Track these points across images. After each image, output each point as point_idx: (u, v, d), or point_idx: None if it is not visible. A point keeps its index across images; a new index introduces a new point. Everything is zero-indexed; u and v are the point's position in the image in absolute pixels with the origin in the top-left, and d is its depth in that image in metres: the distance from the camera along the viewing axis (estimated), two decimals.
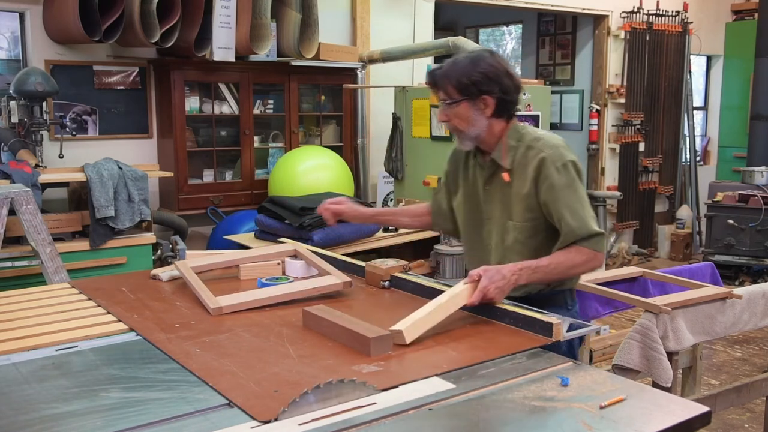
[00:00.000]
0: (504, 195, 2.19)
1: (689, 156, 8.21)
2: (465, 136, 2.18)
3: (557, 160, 2.10)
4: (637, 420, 1.41)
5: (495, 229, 2.23)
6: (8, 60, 4.76)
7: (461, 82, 2.11)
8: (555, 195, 2.09)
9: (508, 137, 2.18)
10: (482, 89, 2.11)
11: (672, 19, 7.71)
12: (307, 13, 5.05)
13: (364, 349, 1.73)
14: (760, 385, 3.20)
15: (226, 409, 1.46)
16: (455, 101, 2.13)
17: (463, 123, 2.15)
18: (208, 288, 2.20)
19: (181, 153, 4.87)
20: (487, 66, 2.12)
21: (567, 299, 2.26)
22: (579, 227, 2.07)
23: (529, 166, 2.13)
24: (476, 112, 2.14)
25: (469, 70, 2.11)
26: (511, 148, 2.17)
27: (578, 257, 2.07)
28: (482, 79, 2.11)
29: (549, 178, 2.09)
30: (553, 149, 2.12)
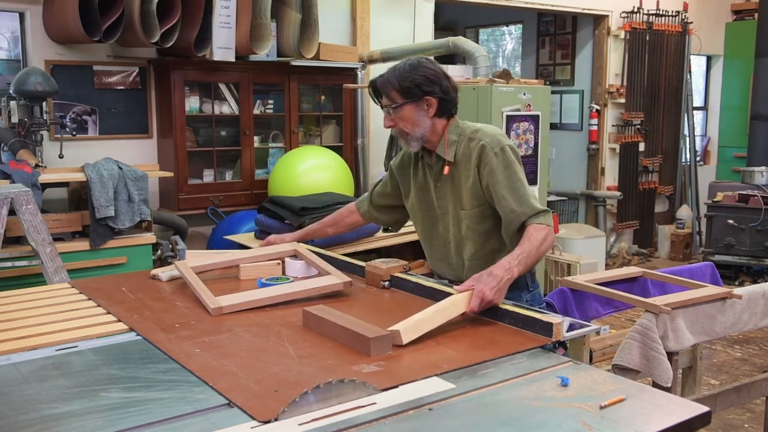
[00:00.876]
0: (454, 187, 2.33)
1: (689, 156, 8.22)
2: (411, 137, 2.31)
3: (495, 146, 2.25)
4: (637, 420, 1.41)
5: (451, 221, 2.37)
6: (8, 60, 4.76)
7: (404, 86, 2.24)
8: (495, 178, 2.23)
9: (449, 132, 2.33)
10: (424, 90, 2.25)
11: (672, 19, 7.71)
12: (307, 13, 5.05)
13: (364, 349, 1.73)
14: (760, 385, 3.20)
15: (226, 409, 1.46)
16: (399, 104, 2.26)
17: (408, 125, 2.28)
18: (208, 288, 2.20)
19: (181, 153, 4.87)
20: (427, 69, 2.27)
21: (527, 281, 2.35)
22: (523, 208, 2.20)
23: (472, 155, 2.28)
24: (420, 113, 2.27)
25: (410, 73, 2.24)
26: (453, 143, 2.32)
27: (539, 233, 2.16)
28: (424, 81, 2.25)
29: (489, 163, 2.24)
30: (490, 137, 2.28)
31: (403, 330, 1.78)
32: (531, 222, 2.19)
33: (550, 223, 2.20)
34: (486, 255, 2.32)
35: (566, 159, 7.80)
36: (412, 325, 1.81)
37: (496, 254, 2.28)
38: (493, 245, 2.33)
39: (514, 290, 2.19)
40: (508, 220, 2.24)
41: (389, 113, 2.30)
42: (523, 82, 4.83)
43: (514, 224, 2.23)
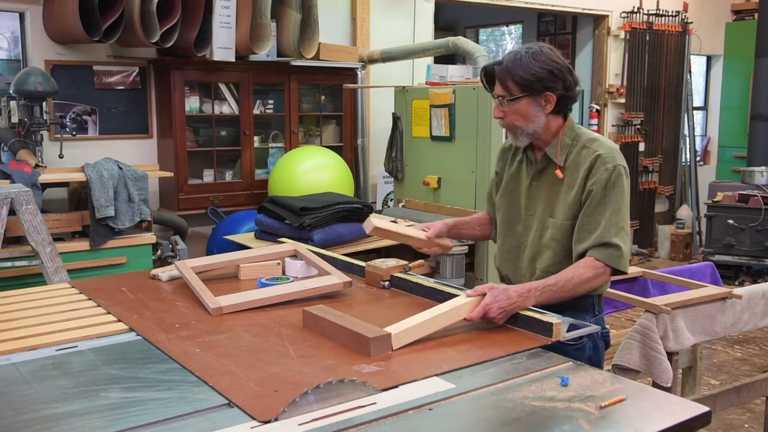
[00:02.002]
0: (551, 192, 2.15)
1: (689, 156, 8.22)
2: (522, 132, 2.13)
3: (609, 162, 2.06)
4: (637, 420, 1.41)
5: (534, 225, 2.19)
6: (8, 60, 4.76)
7: (525, 78, 2.05)
8: (594, 193, 2.05)
9: (564, 135, 2.14)
10: (546, 85, 2.07)
11: (672, 19, 7.71)
12: (307, 13, 5.05)
13: (364, 349, 1.73)
14: (760, 385, 3.21)
15: (226, 409, 1.46)
16: (516, 97, 2.08)
17: (521, 119, 2.11)
18: (208, 288, 2.20)
19: (181, 153, 4.87)
20: (551, 62, 2.07)
21: (595, 304, 2.19)
22: (594, 234, 2.03)
23: (582, 165, 2.09)
24: (536, 109, 2.10)
25: (533, 65, 2.05)
26: (566, 146, 2.14)
27: (587, 272, 2.01)
28: (547, 76, 2.06)
29: (597, 175, 2.05)
30: (608, 150, 2.09)
31: (395, 335, 1.76)
32: (591, 254, 2.02)
33: (610, 262, 2.02)
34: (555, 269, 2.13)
35: None
36: (405, 330, 1.79)
37: None
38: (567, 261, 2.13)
39: (579, 312, 2.07)
40: (577, 238, 2.07)
41: (502, 104, 2.12)
42: None
43: (579, 246, 2.06)
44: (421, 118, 4.99)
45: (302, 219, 3.95)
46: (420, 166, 5.04)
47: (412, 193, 5.11)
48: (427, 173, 4.94)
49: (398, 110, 5.21)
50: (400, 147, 5.20)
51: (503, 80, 2.08)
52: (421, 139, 5.01)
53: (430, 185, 4.90)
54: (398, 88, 5.25)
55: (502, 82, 2.08)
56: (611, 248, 2.02)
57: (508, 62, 2.07)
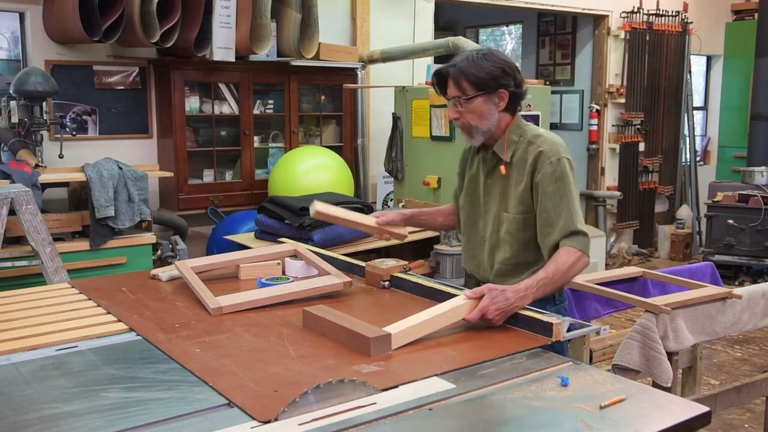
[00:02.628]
0: (503, 187, 2.24)
1: (689, 156, 8.22)
2: (477, 131, 2.21)
3: (553, 155, 2.15)
4: (637, 420, 1.41)
5: (491, 220, 2.28)
6: (8, 60, 4.75)
7: (480, 77, 2.13)
8: (544, 188, 2.14)
9: (510, 132, 2.22)
10: (500, 83, 2.15)
11: (672, 19, 7.71)
12: (307, 13, 5.05)
13: (364, 349, 1.73)
14: (760, 385, 3.20)
15: (226, 409, 1.46)
16: (471, 97, 2.15)
17: (476, 118, 2.18)
18: (208, 288, 2.20)
19: (181, 153, 4.87)
20: (503, 61, 2.17)
21: (555, 294, 2.26)
22: (561, 226, 2.11)
23: (528, 160, 2.18)
24: (490, 107, 2.17)
25: (485, 64, 2.14)
26: (513, 143, 2.22)
27: (569, 257, 2.09)
28: (500, 74, 2.14)
29: (542, 170, 2.14)
30: (550, 145, 2.17)
31: (393, 335, 1.76)
32: (564, 243, 2.10)
33: (583, 248, 2.10)
34: (519, 264, 2.23)
35: None
36: (404, 330, 1.79)
37: (530, 266, 2.20)
38: (529, 256, 2.22)
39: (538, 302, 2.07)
40: (543, 233, 2.15)
41: (457, 105, 2.19)
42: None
43: (548, 240, 2.14)
44: (421, 118, 4.99)
45: (302, 219, 3.95)
46: (420, 166, 5.04)
47: (412, 193, 5.11)
48: (427, 173, 4.94)
49: (398, 110, 5.21)
50: (400, 147, 5.20)
51: (458, 81, 2.15)
52: (421, 139, 5.01)
53: (430, 185, 4.90)
54: (398, 88, 5.25)
55: (457, 83, 2.16)
56: (580, 235, 2.11)
57: (461, 64, 2.16)
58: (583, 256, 2.11)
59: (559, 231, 2.12)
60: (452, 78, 2.17)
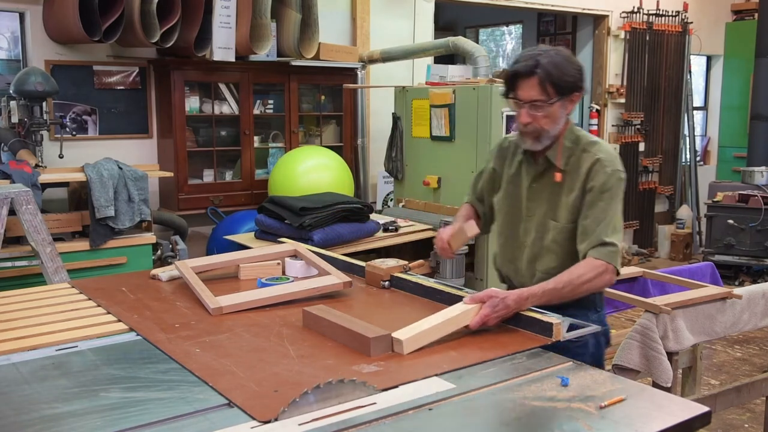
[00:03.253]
0: (552, 195, 2.15)
1: (689, 156, 8.22)
2: (546, 136, 2.10)
3: (609, 166, 2.07)
4: (637, 420, 1.41)
5: (534, 227, 2.19)
6: (8, 60, 4.75)
7: (566, 81, 2.03)
8: (593, 197, 2.07)
9: (564, 138, 2.13)
10: (579, 86, 2.07)
11: (672, 19, 7.71)
12: (307, 13, 5.05)
13: (364, 349, 1.73)
14: (760, 385, 3.20)
15: (226, 409, 1.46)
16: (554, 101, 2.04)
17: (550, 123, 2.07)
18: (208, 288, 2.20)
19: (181, 153, 4.87)
20: (579, 63, 2.09)
21: (596, 302, 2.20)
22: (594, 235, 2.04)
23: (582, 168, 2.09)
24: (563, 111, 2.09)
25: (569, 68, 2.04)
26: (566, 149, 2.13)
27: (587, 272, 2.01)
28: (580, 76, 2.06)
29: (595, 179, 2.07)
30: (606, 154, 2.10)
31: (405, 341, 1.75)
32: (590, 254, 2.03)
33: (609, 259, 2.02)
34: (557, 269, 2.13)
35: None
36: (415, 335, 1.77)
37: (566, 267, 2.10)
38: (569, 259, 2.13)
39: (581, 309, 2.08)
40: (578, 240, 2.08)
41: (534, 109, 2.05)
42: None
43: (580, 248, 2.07)
44: (421, 118, 4.99)
45: (302, 219, 3.95)
46: (420, 166, 5.04)
47: (412, 193, 5.11)
48: (427, 173, 4.94)
49: (398, 110, 5.21)
50: (400, 147, 5.20)
51: (543, 84, 2.02)
52: (421, 139, 5.01)
53: (430, 185, 4.89)
54: (398, 88, 5.25)
55: (542, 86, 2.02)
56: (608, 246, 2.03)
57: (547, 66, 2.02)
58: (607, 271, 2.02)
59: (589, 241, 2.05)
60: (539, 79, 2.02)
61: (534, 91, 2.04)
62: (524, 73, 2.04)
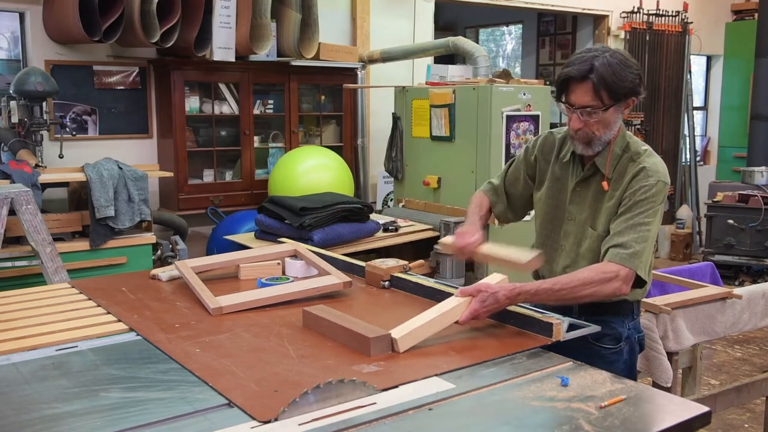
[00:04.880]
0: (595, 201, 2.08)
1: (689, 156, 8.22)
2: (598, 141, 2.02)
3: (653, 175, 1.98)
4: (637, 420, 1.41)
5: (573, 231, 2.12)
6: (8, 60, 4.76)
7: (622, 86, 1.94)
8: (629, 202, 1.98)
9: (615, 144, 2.04)
10: (636, 91, 1.98)
11: (672, 19, 7.71)
12: (307, 13, 5.05)
13: (363, 349, 1.73)
14: (760, 385, 3.20)
15: (226, 409, 1.46)
16: (608, 107, 1.96)
17: (602, 128, 1.99)
18: (208, 288, 2.20)
19: (181, 153, 4.87)
20: (637, 66, 1.99)
21: (634, 309, 2.14)
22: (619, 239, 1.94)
23: (626, 175, 2.01)
24: (618, 116, 2.00)
25: (626, 74, 1.95)
26: (616, 156, 2.04)
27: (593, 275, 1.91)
28: (639, 81, 1.98)
29: (636, 185, 1.98)
30: (653, 164, 2.00)
31: (400, 338, 1.75)
32: (608, 256, 1.93)
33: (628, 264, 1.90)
34: None
35: None
36: (410, 333, 1.77)
37: None
38: None
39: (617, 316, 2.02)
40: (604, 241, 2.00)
41: (585, 114, 1.97)
42: (523, 82, 4.83)
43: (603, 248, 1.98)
44: (421, 118, 4.99)
45: (302, 219, 3.95)
46: (420, 166, 5.04)
47: (412, 193, 5.11)
48: (427, 173, 4.95)
49: (398, 110, 5.21)
50: (400, 147, 5.20)
51: (598, 89, 1.93)
52: (421, 139, 5.01)
53: (430, 185, 4.90)
54: (398, 88, 5.25)
55: (596, 92, 1.94)
56: (628, 249, 1.92)
57: (602, 71, 1.93)
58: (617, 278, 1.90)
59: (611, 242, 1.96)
60: (592, 85, 1.93)
61: (587, 97, 1.95)
62: (578, 77, 1.95)
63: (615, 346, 2.05)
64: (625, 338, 2.10)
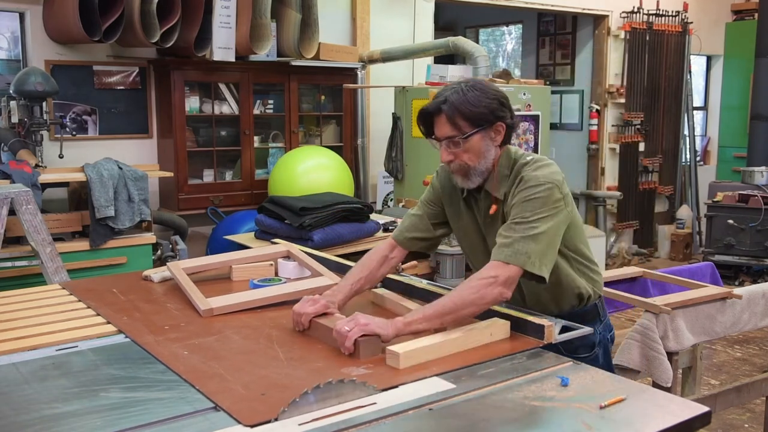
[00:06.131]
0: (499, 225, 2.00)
1: (689, 156, 8.22)
2: (474, 172, 1.98)
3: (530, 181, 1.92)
4: (637, 420, 1.41)
5: None
6: (8, 60, 4.75)
7: (476, 112, 1.92)
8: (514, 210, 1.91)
9: (500, 166, 2.00)
10: (498, 116, 1.94)
11: (672, 19, 7.71)
12: (307, 13, 5.05)
13: (353, 351, 1.72)
14: (760, 385, 3.20)
15: (212, 412, 1.45)
16: (469, 134, 1.93)
17: (473, 158, 1.95)
18: (200, 289, 2.18)
19: (181, 153, 4.87)
20: (495, 91, 1.97)
21: (599, 311, 2.14)
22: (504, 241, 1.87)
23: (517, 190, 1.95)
24: (488, 143, 1.96)
25: (480, 97, 1.92)
26: (504, 177, 2.00)
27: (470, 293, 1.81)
28: (497, 105, 1.94)
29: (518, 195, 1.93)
30: (532, 176, 1.93)
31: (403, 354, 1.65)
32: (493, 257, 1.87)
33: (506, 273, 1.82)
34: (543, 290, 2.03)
35: (566, 159, 7.79)
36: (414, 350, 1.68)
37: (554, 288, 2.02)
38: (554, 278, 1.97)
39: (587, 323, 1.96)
40: None
41: (451, 146, 1.94)
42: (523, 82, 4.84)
43: None
44: None
45: (302, 219, 3.94)
46: (420, 166, 5.04)
47: (412, 193, 5.11)
48: (427, 173, 4.94)
49: (398, 110, 5.21)
50: (400, 147, 5.20)
51: (452, 118, 1.92)
52: (421, 139, 4.96)
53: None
54: (398, 88, 5.25)
55: (451, 121, 1.92)
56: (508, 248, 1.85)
57: (453, 98, 1.92)
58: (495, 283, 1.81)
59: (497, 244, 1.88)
60: (446, 115, 1.93)
61: (446, 128, 1.94)
62: (433, 111, 1.96)
63: (589, 354, 2.04)
64: (599, 342, 2.11)
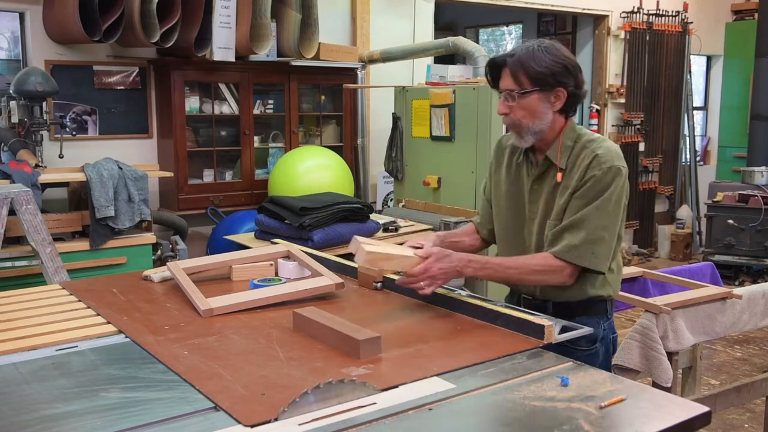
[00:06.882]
0: (550, 195, 2.07)
1: (689, 156, 8.22)
2: (528, 131, 2.03)
3: (606, 162, 1.98)
4: (637, 420, 1.41)
5: (536, 229, 2.11)
6: (8, 60, 4.76)
7: (539, 72, 1.96)
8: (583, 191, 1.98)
9: (565, 136, 2.05)
10: (559, 80, 1.98)
11: (672, 19, 7.71)
12: (307, 13, 5.05)
13: (353, 351, 1.71)
14: (760, 385, 3.20)
15: (212, 412, 1.45)
16: (527, 91, 1.98)
17: (528, 116, 2.01)
18: (200, 289, 2.17)
19: (181, 153, 4.87)
20: (565, 57, 2.00)
21: (608, 309, 2.15)
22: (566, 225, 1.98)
23: (579, 164, 2.01)
24: (545, 105, 2.00)
25: (547, 58, 1.96)
26: (567, 148, 2.05)
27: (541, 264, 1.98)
28: (561, 70, 1.97)
29: (590, 173, 1.98)
30: (606, 150, 2.00)
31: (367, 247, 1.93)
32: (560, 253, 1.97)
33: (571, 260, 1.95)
34: None
35: None
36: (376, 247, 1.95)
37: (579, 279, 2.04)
38: None
39: (592, 316, 2.03)
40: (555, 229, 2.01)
41: (509, 99, 2.01)
42: None
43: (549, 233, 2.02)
44: (421, 118, 4.99)
45: (302, 219, 3.94)
46: (420, 166, 5.04)
47: (412, 193, 5.11)
48: (427, 173, 4.95)
49: (398, 110, 5.21)
50: (400, 147, 5.20)
51: (515, 72, 1.98)
52: (421, 139, 5.01)
53: (430, 185, 4.90)
54: (398, 88, 5.25)
55: (514, 75, 1.98)
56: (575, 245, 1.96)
57: (521, 54, 1.98)
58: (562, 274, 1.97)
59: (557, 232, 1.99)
60: (510, 69, 1.99)
61: (508, 80, 2.01)
62: (499, 62, 2.03)
63: (590, 348, 2.04)
64: (601, 339, 2.10)
